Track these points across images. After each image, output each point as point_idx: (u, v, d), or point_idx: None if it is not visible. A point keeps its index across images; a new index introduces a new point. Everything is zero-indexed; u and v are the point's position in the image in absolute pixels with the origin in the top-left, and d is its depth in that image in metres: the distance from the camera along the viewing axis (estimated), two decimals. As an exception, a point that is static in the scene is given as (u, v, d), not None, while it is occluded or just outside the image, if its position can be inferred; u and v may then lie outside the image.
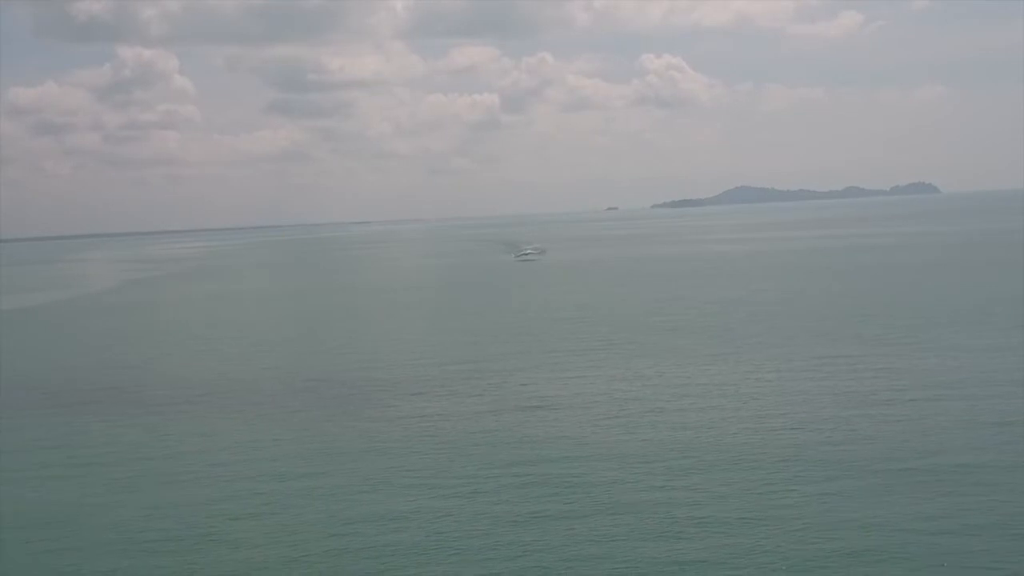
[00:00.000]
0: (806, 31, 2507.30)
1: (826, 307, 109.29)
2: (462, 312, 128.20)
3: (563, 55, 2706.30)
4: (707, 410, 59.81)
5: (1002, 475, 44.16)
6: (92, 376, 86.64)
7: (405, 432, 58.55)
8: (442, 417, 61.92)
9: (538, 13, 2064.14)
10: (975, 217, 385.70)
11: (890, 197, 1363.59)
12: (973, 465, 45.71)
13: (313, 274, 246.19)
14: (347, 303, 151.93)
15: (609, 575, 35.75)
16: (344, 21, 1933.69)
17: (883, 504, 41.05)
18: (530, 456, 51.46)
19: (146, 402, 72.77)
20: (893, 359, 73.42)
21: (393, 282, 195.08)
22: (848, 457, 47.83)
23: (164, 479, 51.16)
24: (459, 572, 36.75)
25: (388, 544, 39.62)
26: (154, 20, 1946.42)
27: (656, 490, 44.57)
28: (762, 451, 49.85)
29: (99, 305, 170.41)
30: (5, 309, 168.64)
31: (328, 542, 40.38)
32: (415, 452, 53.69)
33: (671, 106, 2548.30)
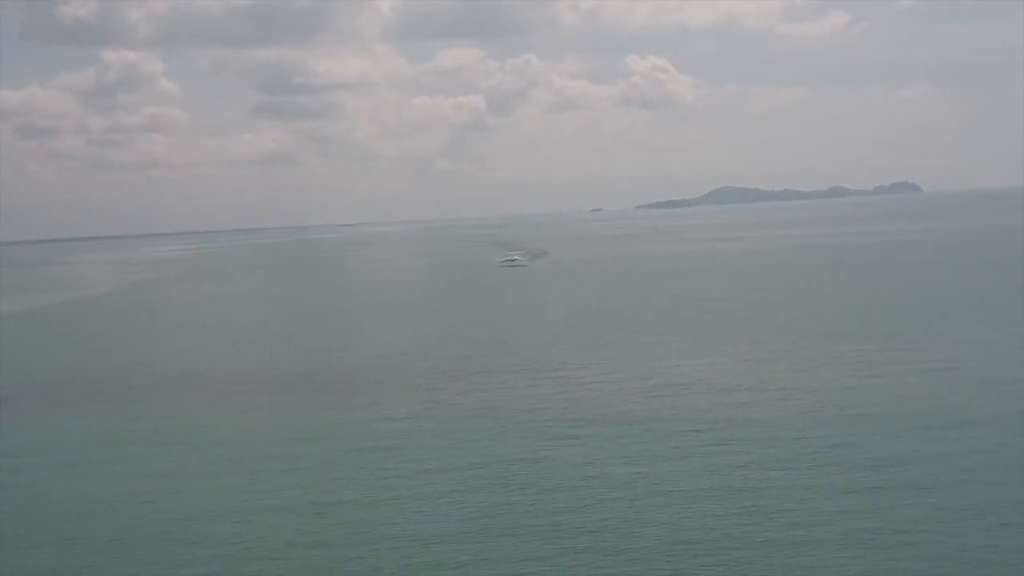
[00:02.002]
0: (793, 31, 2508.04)
1: (823, 303, 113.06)
2: (462, 311, 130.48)
3: (549, 56, 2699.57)
4: (720, 398, 63.40)
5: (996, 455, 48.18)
6: (102, 375, 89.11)
7: (409, 420, 61.69)
8: (450, 405, 65.36)
9: (524, 14, 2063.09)
10: (957, 216, 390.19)
11: (874, 197, 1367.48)
12: (975, 439, 49.88)
13: (306, 275, 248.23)
14: (343, 303, 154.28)
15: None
16: (330, 23, 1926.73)
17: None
18: (537, 437, 54.79)
19: (153, 398, 75.42)
20: (893, 351, 77.40)
21: (386, 283, 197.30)
22: (850, 442, 51.68)
23: (171, 473, 53.17)
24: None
25: (401, 519, 42.82)
26: (140, 23, 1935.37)
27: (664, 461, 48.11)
28: (764, 435, 53.48)
29: (106, 306, 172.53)
30: (9, 311, 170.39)
31: (344, 517, 43.53)
32: (421, 437, 56.83)
33: (657, 107, 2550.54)
